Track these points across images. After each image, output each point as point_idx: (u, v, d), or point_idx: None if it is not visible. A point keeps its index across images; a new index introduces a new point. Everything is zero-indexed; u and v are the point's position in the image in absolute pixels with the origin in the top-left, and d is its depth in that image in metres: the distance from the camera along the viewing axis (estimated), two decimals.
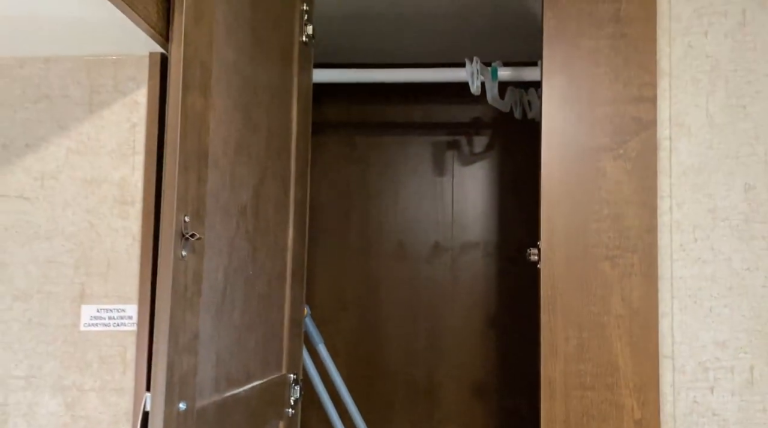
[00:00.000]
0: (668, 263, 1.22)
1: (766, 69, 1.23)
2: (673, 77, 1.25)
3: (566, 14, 1.26)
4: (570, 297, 1.22)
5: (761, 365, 1.18)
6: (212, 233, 0.89)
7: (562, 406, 1.21)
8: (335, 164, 2.20)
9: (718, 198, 1.22)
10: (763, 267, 1.20)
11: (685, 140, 1.24)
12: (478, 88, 1.56)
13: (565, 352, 1.22)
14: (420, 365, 2.11)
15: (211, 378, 0.90)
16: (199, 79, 0.85)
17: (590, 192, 1.24)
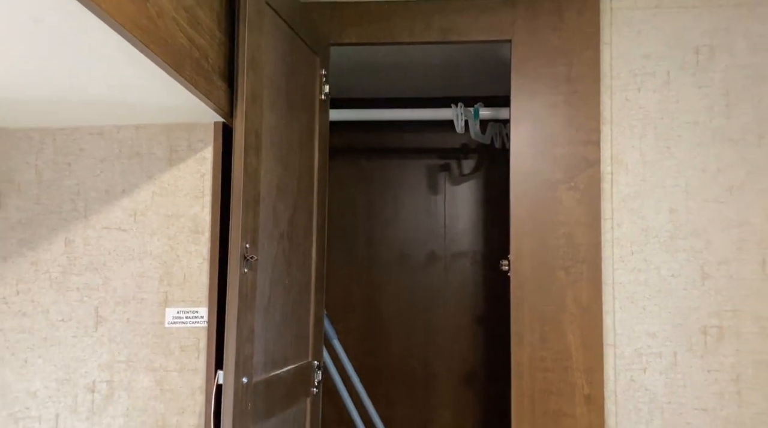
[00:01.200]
0: (610, 271, 1.55)
1: (685, 118, 1.56)
2: (613, 124, 1.58)
3: (529, 76, 1.59)
4: (534, 299, 1.55)
5: (682, 351, 1.51)
6: (262, 254, 1.22)
7: (528, 384, 1.54)
8: (343, 185, 2.53)
9: (650, 220, 1.55)
10: (684, 274, 1.53)
11: (623, 173, 1.57)
12: (462, 128, 1.89)
13: (530, 342, 1.54)
14: (418, 357, 2.43)
15: (261, 361, 1.23)
16: (254, 144, 1.19)
17: (549, 216, 1.56)
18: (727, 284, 1.51)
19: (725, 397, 1.48)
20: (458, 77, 2.22)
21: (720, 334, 1.50)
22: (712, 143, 1.54)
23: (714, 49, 1.55)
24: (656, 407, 1.50)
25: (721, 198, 1.53)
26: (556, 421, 1.51)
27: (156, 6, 0.87)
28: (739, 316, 1.50)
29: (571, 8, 1.58)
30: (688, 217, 1.54)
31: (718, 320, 1.51)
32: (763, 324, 1.49)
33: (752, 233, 1.51)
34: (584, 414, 1.51)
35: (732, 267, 1.51)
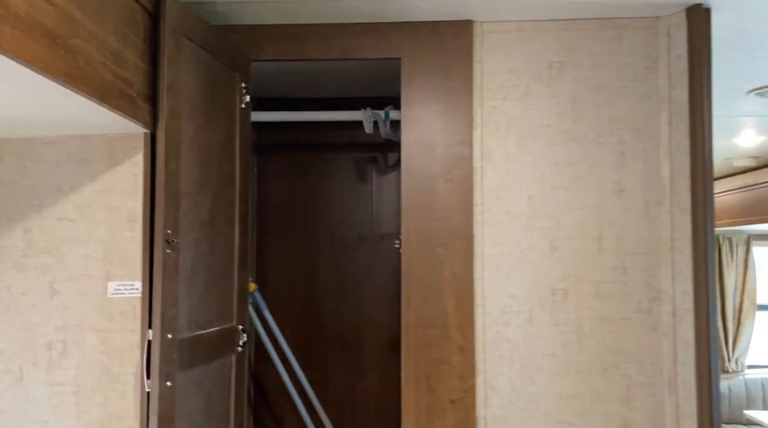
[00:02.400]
0: (480, 246, 1.90)
1: (541, 121, 1.91)
2: (483, 127, 1.92)
3: (415, 88, 1.92)
4: (419, 270, 1.90)
5: (536, 309, 1.88)
6: (184, 239, 1.55)
7: (414, 339, 1.89)
8: (282, 176, 2.85)
9: (512, 204, 1.90)
10: (538, 248, 1.89)
11: (491, 168, 1.92)
12: (371, 129, 2.22)
13: (416, 305, 1.90)
14: (348, 326, 2.78)
15: (186, 322, 1.56)
16: (174, 151, 1.50)
17: (431, 203, 1.91)
18: (571, 255, 1.88)
19: (569, 345, 1.86)
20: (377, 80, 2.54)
21: (565, 295, 1.87)
22: (562, 142, 1.90)
23: (564, 65, 1.90)
24: (516, 354, 1.87)
25: (568, 187, 1.89)
26: (436, 367, 1.87)
27: (84, 56, 1.18)
28: (579, 280, 1.87)
29: (449, 32, 1.92)
30: (542, 202, 1.90)
31: (564, 284, 1.87)
32: (597, 286, 1.86)
33: (587, 214, 1.88)
34: (459, 361, 1.87)
35: (575, 242, 1.88)
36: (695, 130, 1.78)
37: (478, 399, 1.86)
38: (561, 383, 1.85)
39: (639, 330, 1.84)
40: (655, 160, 1.85)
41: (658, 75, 1.86)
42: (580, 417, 1.84)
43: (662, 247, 1.84)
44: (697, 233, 1.78)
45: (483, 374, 1.87)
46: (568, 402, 1.84)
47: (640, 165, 1.86)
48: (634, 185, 1.86)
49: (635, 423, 1.82)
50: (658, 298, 1.83)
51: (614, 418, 1.83)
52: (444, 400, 1.86)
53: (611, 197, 1.87)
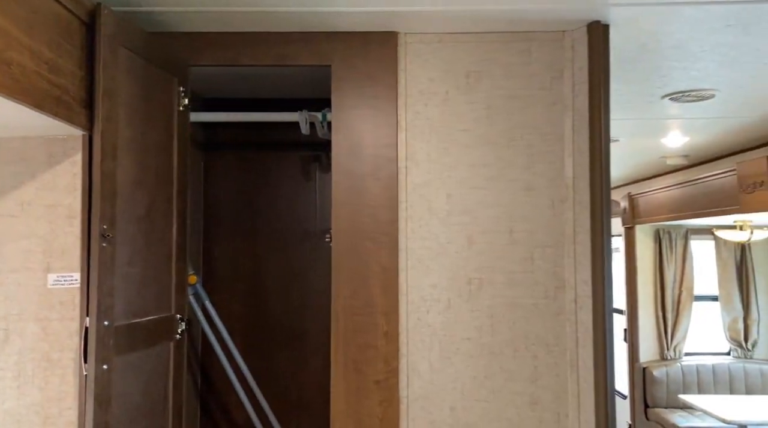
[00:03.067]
0: (405, 240, 2.07)
1: (459, 126, 2.08)
2: (407, 131, 2.08)
3: (345, 94, 2.07)
4: (349, 262, 2.06)
5: (454, 297, 2.05)
6: (120, 233, 1.67)
7: (342, 325, 2.05)
8: (231, 173, 2.97)
9: (433, 202, 2.07)
10: (456, 241, 2.06)
11: (415, 168, 2.08)
12: (307, 130, 2.37)
13: (345, 294, 2.05)
14: (293, 316, 2.93)
15: (123, 311, 1.69)
16: (110, 152, 1.63)
17: (360, 200, 2.06)
18: (486, 248, 2.06)
19: (483, 329, 2.04)
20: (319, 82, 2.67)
21: (480, 284, 2.05)
22: (478, 145, 2.07)
23: (480, 74, 2.07)
24: (435, 338, 2.05)
25: (483, 186, 2.07)
26: (363, 351, 2.03)
27: (19, 67, 1.30)
28: (493, 271, 2.05)
29: (375, 42, 2.07)
30: (460, 200, 2.07)
31: (479, 274, 2.05)
32: (509, 276, 2.05)
33: (500, 211, 2.06)
34: (384, 345, 2.03)
35: (490, 236, 2.06)
36: (594, 134, 1.98)
37: (401, 380, 2.03)
38: (476, 364, 2.03)
39: (545, 315, 2.03)
40: (560, 161, 2.04)
41: (563, 84, 2.04)
42: (492, 395, 2.02)
43: (566, 240, 2.03)
44: (595, 228, 1.97)
45: (406, 357, 2.04)
46: (482, 382, 2.03)
47: (546, 166, 2.04)
48: (542, 184, 2.04)
49: (541, 400, 2.01)
50: (562, 286, 2.03)
51: (523, 395, 2.02)
52: (370, 381, 2.02)
53: (521, 195, 2.05)
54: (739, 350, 5.78)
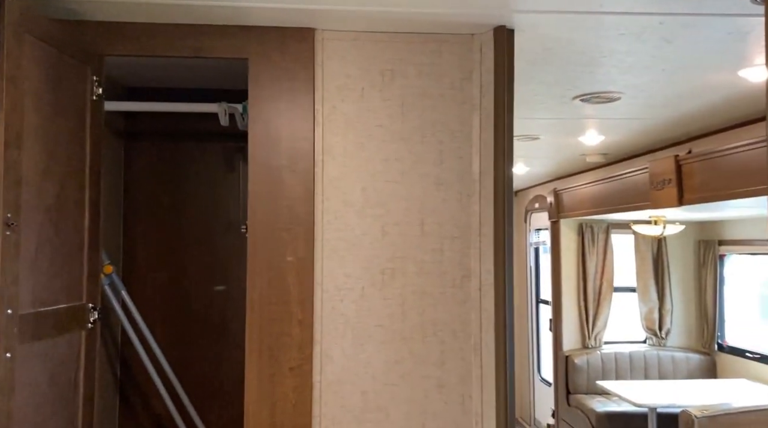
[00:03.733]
0: (320, 231, 2.14)
1: (374, 122, 2.16)
2: (324, 125, 2.15)
3: (262, 86, 2.12)
4: (265, 252, 2.11)
5: (368, 286, 2.14)
6: (27, 221, 1.66)
7: (258, 315, 2.10)
8: (153, 163, 2.95)
9: (348, 195, 2.15)
10: (371, 233, 2.15)
11: (331, 162, 2.15)
12: (227, 121, 2.40)
13: (261, 285, 2.10)
14: (216, 307, 2.95)
15: (29, 299, 1.69)
16: (15, 142, 1.62)
17: (277, 192, 2.12)
18: (399, 239, 2.15)
19: (394, 316, 2.14)
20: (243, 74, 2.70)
21: (393, 274, 2.15)
22: (392, 141, 2.16)
23: (394, 72, 2.16)
24: (349, 326, 2.13)
25: (396, 180, 2.16)
26: (278, 339, 2.09)
27: None
28: (405, 261, 2.15)
29: (293, 37, 2.12)
30: (374, 193, 2.15)
31: (392, 264, 2.15)
32: (420, 266, 2.15)
33: (414, 204, 2.16)
34: (298, 333, 2.10)
35: (402, 227, 2.15)
36: (498, 133, 2.10)
37: (315, 366, 2.10)
38: (387, 350, 2.13)
39: (452, 302, 2.14)
40: (468, 158, 2.16)
41: (472, 85, 2.16)
42: (402, 379, 2.12)
43: (472, 232, 2.15)
44: (498, 221, 2.10)
45: (320, 344, 2.12)
46: (393, 366, 2.13)
47: (455, 162, 2.16)
48: (451, 179, 2.15)
49: (448, 382, 2.13)
50: (468, 275, 2.15)
51: (431, 379, 2.13)
52: (284, 368, 2.09)
53: (432, 189, 2.16)
54: (654, 338, 6.16)
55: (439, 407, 2.11)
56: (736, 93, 2.87)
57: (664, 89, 2.82)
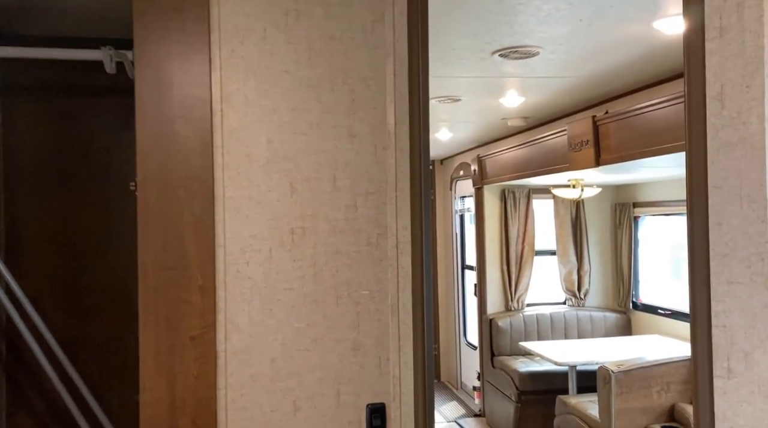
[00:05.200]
0: (221, 188, 1.95)
1: (279, 67, 1.97)
2: (222, 70, 1.94)
3: (149, 27, 1.88)
4: (158, 213, 1.90)
5: (276, 247, 1.98)
6: None
7: (153, 281, 1.90)
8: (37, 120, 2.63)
9: (252, 148, 1.97)
10: (278, 189, 1.98)
11: (231, 111, 1.95)
12: (113, 68, 2.14)
13: (155, 248, 1.90)
14: (115, 277, 2.70)
15: None
16: None
17: (170, 144, 1.90)
18: (309, 196, 2.00)
19: (305, 279, 1.99)
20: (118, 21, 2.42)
21: (303, 233, 2.00)
22: (299, 89, 1.99)
23: (299, 13, 1.98)
24: (256, 290, 1.97)
25: (305, 131, 1.99)
26: (176, 307, 1.91)
27: None
28: (316, 219, 2.00)
29: None
30: (281, 146, 1.98)
31: (302, 222, 2.00)
32: (332, 224, 2.01)
33: (326, 157, 2.00)
34: (199, 300, 1.92)
35: (312, 183, 2.00)
36: (413, 80, 1.97)
37: (219, 335, 1.93)
38: (298, 314, 1.99)
39: (368, 262, 2.02)
40: (382, 107, 2.02)
41: (385, 29, 2.01)
42: (315, 343, 1.99)
43: (388, 187, 2.03)
44: (414, 174, 1.99)
45: (224, 311, 1.94)
46: (304, 331, 1.99)
47: (369, 113, 2.01)
48: (364, 130, 2.01)
49: (364, 345, 2.02)
50: (384, 233, 2.03)
51: (346, 342, 2.01)
52: (184, 338, 1.91)
53: (344, 142, 2.01)
54: (573, 299, 6.36)
55: (354, 370, 2.00)
56: (651, 48, 2.88)
57: (581, 43, 2.79)
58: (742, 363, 1.18)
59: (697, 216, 1.25)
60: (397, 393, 1.99)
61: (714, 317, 1.21)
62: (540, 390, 5.36)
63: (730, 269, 1.18)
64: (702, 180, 1.23)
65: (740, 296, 1.18)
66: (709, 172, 1.22)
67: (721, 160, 1.19)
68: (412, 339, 1.98)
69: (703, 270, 1.24)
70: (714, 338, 1.22)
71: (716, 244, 1.20)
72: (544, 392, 5.27)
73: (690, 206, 1.28)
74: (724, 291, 1.19)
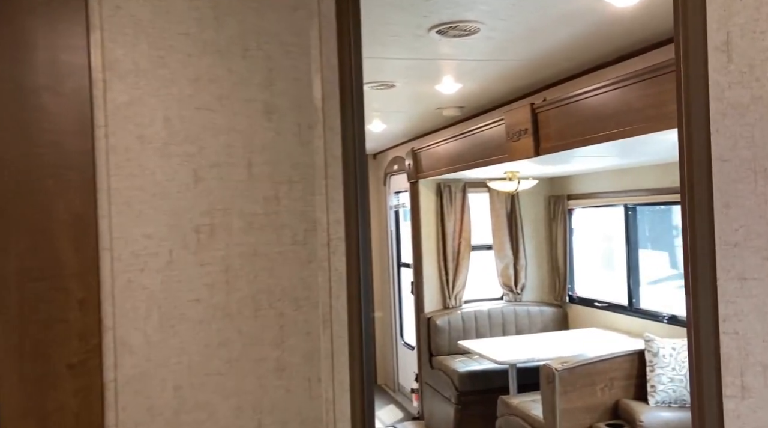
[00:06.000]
0: (105, 178, 1.56)
1: (177, 29, 1.61)
2: (105, 31, 1.55)
3: None
4: (20, 209, 1.49)
5: (177, 249, 1.62)
6: None
7: (16, 295, 1.49)
8: None
9: (145, 127, 1.59)
10: (178, 178, 1.62)
11: (117, 81, 1.57)
12: None
13: (16, 252, 1.49)
14: None
15: None
16: None
17: (33, 123, 1.50)
18: (218, 185, 1.64)
19: (216, 287, 1.64)
20: None
21: (212, 231, 1.64)
22: (204, 54, 1.63)
23: None
24: (154, 303, 1.59)
25: (211, 107, 1.64)
26: (48, 327, 1.50)
27: None
28: (228, 214, 1.65)
29: None
30: (181, 124, 1.61)
31: (210, 218, 1.64)
32: (249, 219, 1.67)
33: (238, 138, 1.66)
34: (79, 318, 1.52)
35: (222, 170, 1.65)
36: (343, 47, 1.66)
37: (106, 360, 1.55)
38: (207, 330, 1.63)
39: (294, 264, 1.69)
40: (307, 79, 1.69)
41: None
42: (229, 366, 1.64)
43: (316, 174, 1.71)
44: (348, 158, 1.68)
45: (112, 330, 1.56)
46: (215, 352, 1.63)
47: (290, 84, 1.68)
48: (285, 106, 1.68)
49: (289, 364, 1.68)
50: (313, 229, 1.71)
51: (268, 362, 1.67)
52: (59, 366, 1.51)
53: (261, 120, 1.67)
54: (510, 294, 6.24)
55: (278, 395, 1.66)
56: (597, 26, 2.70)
57: (524, 18, 2.57)
58: (761, 378, 0.94)
59: (698, 198, 1.00)
60: (331, 420, 1.67)
61: (722, 323, 0.97)
62: (480, 390, 5.19)
63: (743, 261, 0.94)
64: (704, 153, 0.98)
65: (756, 296, 0.93)
66: (712, 142, 0.97)
67: (728, 126, 0.95)
68: (348, 355, 1.66)
69: (706, 264, 0.99)
70: (723, 347, 0.97)
71: (724, 231, 0.95)
72: (484, 392, 5.10)
73: (688, 186, 1.02)
74: (735, 290, 0.94)
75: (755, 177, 0.92)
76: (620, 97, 3.06)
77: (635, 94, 2.88)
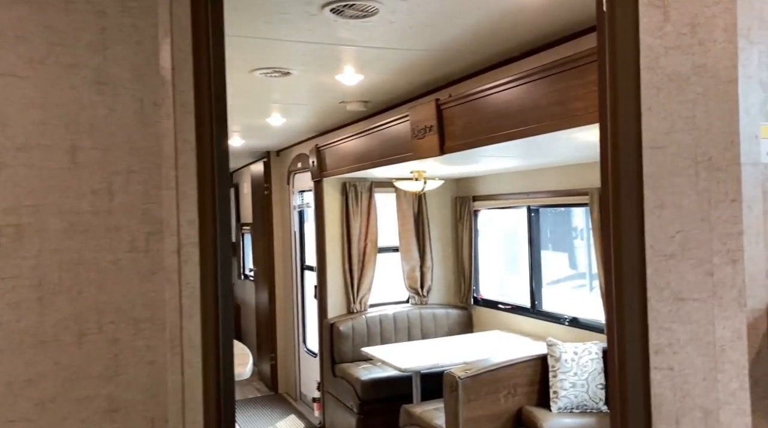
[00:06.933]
0: None
1: None
2: None
3: None
4: None
5: None
6: None
7: None
8: None
9: None
10: None
11: None
12: None
13: None
14: None
15: None
16: None
17: None
18: (28, 175, 1.27)
19: (24, 307, 1.26)
20: None
21: (19, 234, 1.26)
22: (11, 4, 1.25)
23: None
24: None
25: (19, 73, 1.26)
26: None
27: None
28: (42, 211, 1.28)
29: None
30: None
31: (16, 217, 1.26)
32: (71, 218, 1.30)
33: (57, 115, 1.29)
34: None
35: (34, 155, 1.27)
36: (198, 5, 1.33)
37: None
38: (12, 363, 1.24)
39: (132, 276, 1.34)
40: (152, 42, 1.35)
41: None
42: (41, 409, 1.27)
43: (164, 163, 1.37)
44: (203, 144, 1.35)
45: None
46: (23, 390, 1.25)
47: (130, 49, 1.33)
48: (123, 76, 1.33)
49: (126, 403, 1.33)
50: (159, 232, 1.36)
51: (96, 400, 1.31)
52: None
53: (89, 92, 1.30)
54: (416, 297, 6.08)
55: None
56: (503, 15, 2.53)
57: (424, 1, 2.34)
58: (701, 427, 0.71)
59: (625, 196, 0.76)
60: None
61: (654, 355, 0.74)
62: (383, 398, 4.96)
63: (680, 277, 0.71)
64: (632, 139, 0.74)
65: (697, 321, 0.71)
66: (643, 124, 0.74)
67: (663, 103, 0.72)
68: (203, 390, 1.34)
69: (632, 281, 0.75)
70: (654, 388, 0.74)
71: (656, 239, 0.73)
72: (387, 400, 4.88)
73: (612, 182, 0.78)
74: (669, 313, 0.72)
75: (696, 169, 0.69)
76: (526, 94, 2.92)
77: (541, 90, 2.75)
